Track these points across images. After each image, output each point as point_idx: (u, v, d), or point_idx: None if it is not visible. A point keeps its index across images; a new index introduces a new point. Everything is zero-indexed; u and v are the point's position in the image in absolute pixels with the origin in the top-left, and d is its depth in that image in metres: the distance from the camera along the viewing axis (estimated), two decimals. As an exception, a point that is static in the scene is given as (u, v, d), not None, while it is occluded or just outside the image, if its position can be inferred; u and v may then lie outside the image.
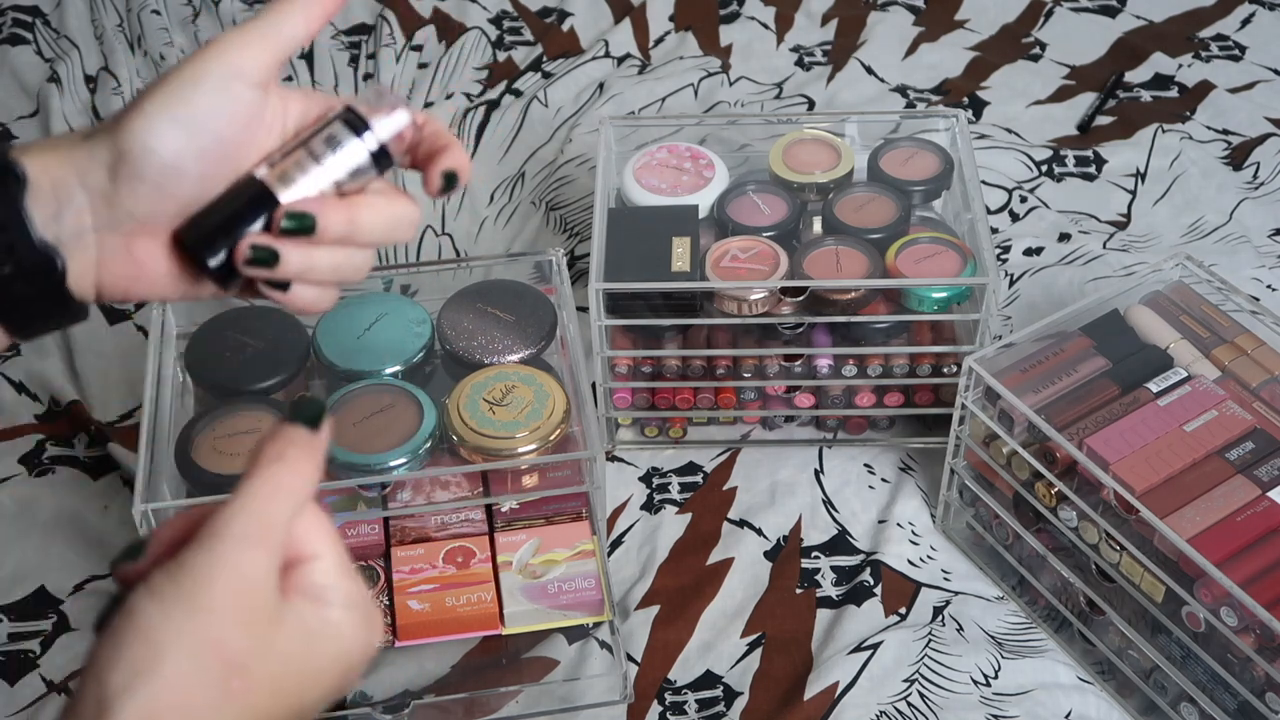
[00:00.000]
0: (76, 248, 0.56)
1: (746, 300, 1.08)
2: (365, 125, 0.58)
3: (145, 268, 0.57)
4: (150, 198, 0.55)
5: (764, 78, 1.54)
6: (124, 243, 0.56)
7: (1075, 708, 0.98)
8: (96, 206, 0.55)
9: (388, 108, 0.59)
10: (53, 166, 0.55)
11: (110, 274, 0.57)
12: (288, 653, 0.48)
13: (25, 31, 1.60)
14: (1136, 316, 1.05)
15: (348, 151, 0.58)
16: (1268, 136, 1.44)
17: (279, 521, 0.49)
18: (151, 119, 0.55)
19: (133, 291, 0.57)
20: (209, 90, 0.56)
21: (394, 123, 0.59)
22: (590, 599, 1.00)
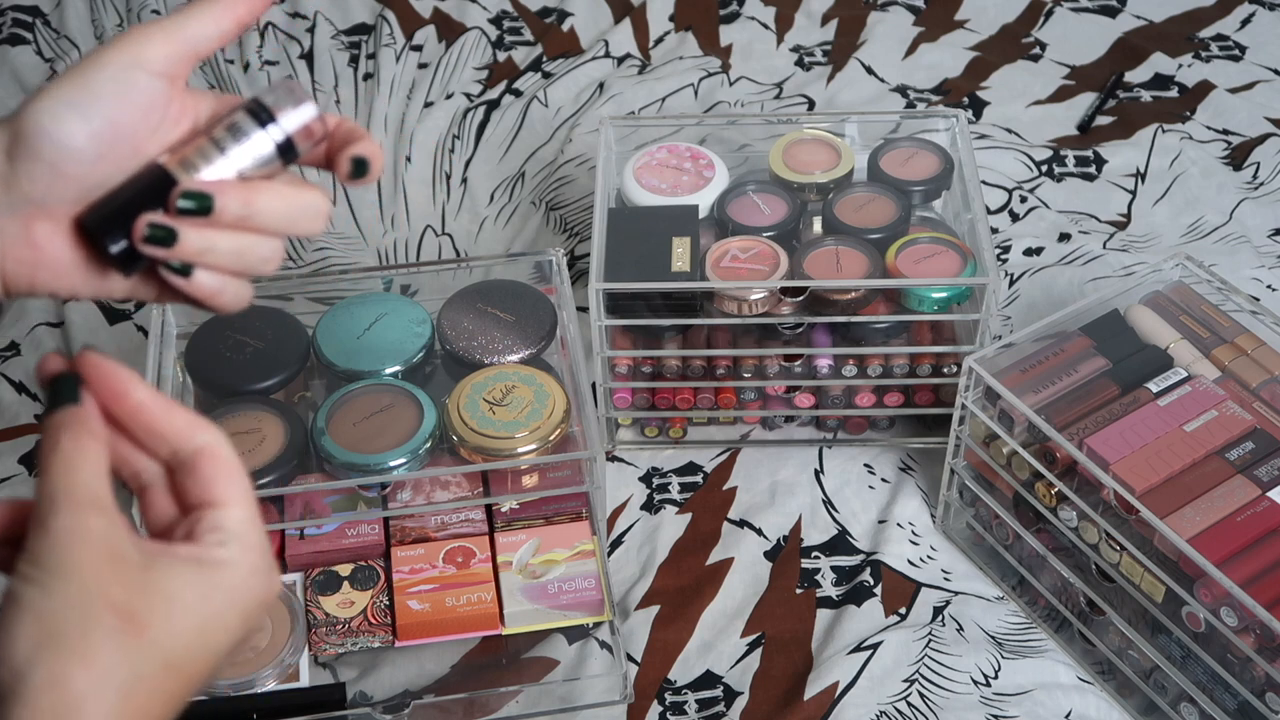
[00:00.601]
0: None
1: (746, 300, 1.08)
2: (271, 117, 0.59)
3: (45, 253, 0.57)
4: (45, 179, 0.56)
5: (764, 78, 1.54)
6: (23, 226, 0.56)
7: (1075, 708, 0.98)
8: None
9: (295, 101, 0.59)
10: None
11: (12, 260, 0.57)
12: (175, 591, 0.50)
13: (25, 31, 1.60)
14: (1136, 316, 1.05)
15: (253, 142, 0.59)
16: (1268, 136, 1.44)
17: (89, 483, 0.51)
18: (48, 101, 0.56)
19: (37, 281, 0.57)
20: (107, 77, 0.57)
21: (300, 115, 0.59)
22: (590, 599, 1.00)
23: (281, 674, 0.95)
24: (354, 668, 1.00)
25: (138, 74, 0.57)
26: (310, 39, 1.59)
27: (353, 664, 1.00)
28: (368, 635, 0.98)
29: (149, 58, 0.57)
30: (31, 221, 0.57)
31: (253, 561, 0.53)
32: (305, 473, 1.03)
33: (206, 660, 0.51)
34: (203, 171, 0.58)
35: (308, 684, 0.95)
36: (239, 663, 0.95)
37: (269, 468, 1.00)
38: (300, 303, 1.15)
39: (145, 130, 0.58)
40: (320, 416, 1.03)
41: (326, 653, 0.98)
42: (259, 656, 0.95)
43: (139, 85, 0.57)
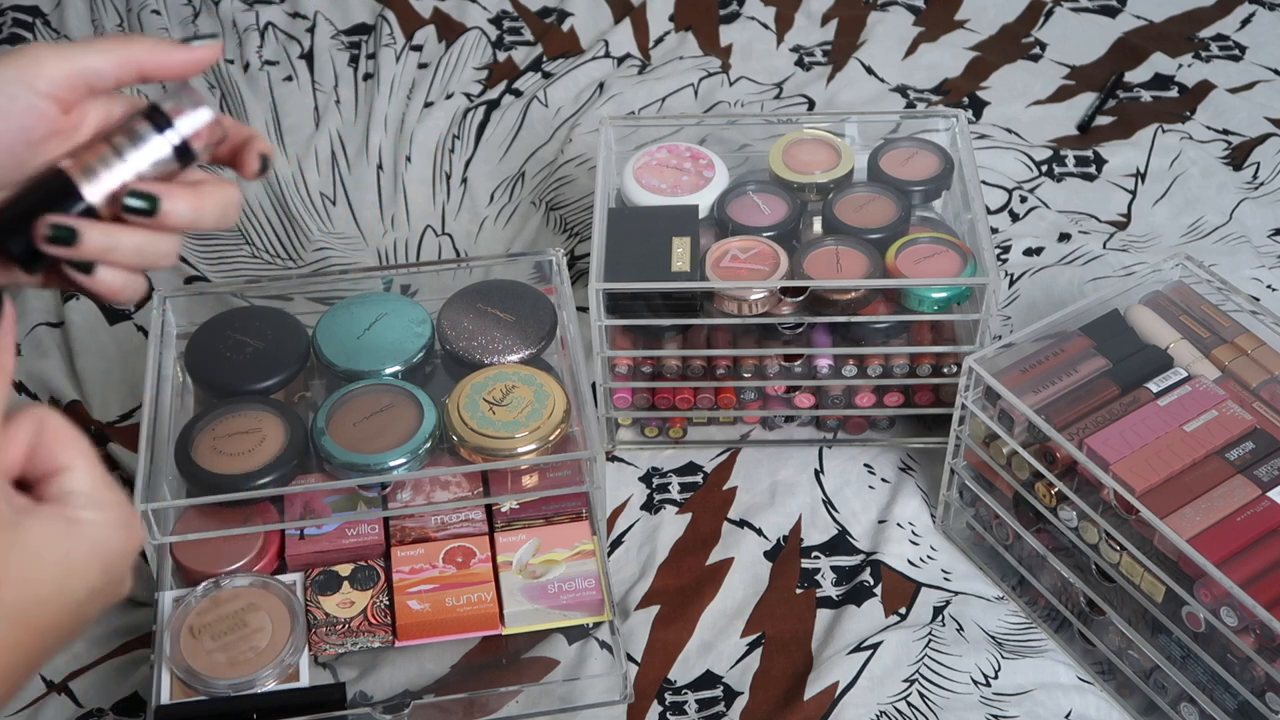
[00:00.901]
0: None
1: (746, 300, 1.08)
2: (168, 121, 0.61)
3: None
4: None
5: (764, 78, 1.54)
6: None
7: (1075, 708, 0.98)
8: None
9: (191, 105, 0.61)
10: None
11: None
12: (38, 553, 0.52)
13: (25, 32, 1.60)
14: (1136, 316, 1.05)
15: (151, 147, 0.60)
16: (1268, 136, 1.44)
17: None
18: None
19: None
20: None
21: (196, 119, 0.61)
22: (590, 599, 1.00)
23: (281, 674, 0.95)
24: (354, 668, 1.00)
25: (22, 89, 0.58)
26: (310, 39, 1.59)
27: (353, 664, 1.00)
28: (368, 635, 0.98)
29: (37, 75, 0.59)
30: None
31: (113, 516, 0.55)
32: (305, 473, 1.03)
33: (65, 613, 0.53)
34: (102, 176, 0.60)
35: (308, 684, 0.95)
36: (239, 663, 0.95)
37: (269, 468, 1.00)
38: (300, 303, 1.15)
39: (24, 143, 0.59)
40: (320, 416, 1.03)
41: (326, 653, 0.98)
42: (259, 656, 0.95)
43: (20, 100, 0.58)
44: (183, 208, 0.60)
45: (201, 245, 1.35)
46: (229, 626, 0.97)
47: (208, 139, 0.62)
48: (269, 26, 1.60)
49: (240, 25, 1.60)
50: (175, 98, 0.61)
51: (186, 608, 0.98)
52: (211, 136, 0.62)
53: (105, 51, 0.60)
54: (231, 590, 0.99)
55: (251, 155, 0.64)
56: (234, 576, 0.99)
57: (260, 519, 1.02)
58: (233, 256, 1.34)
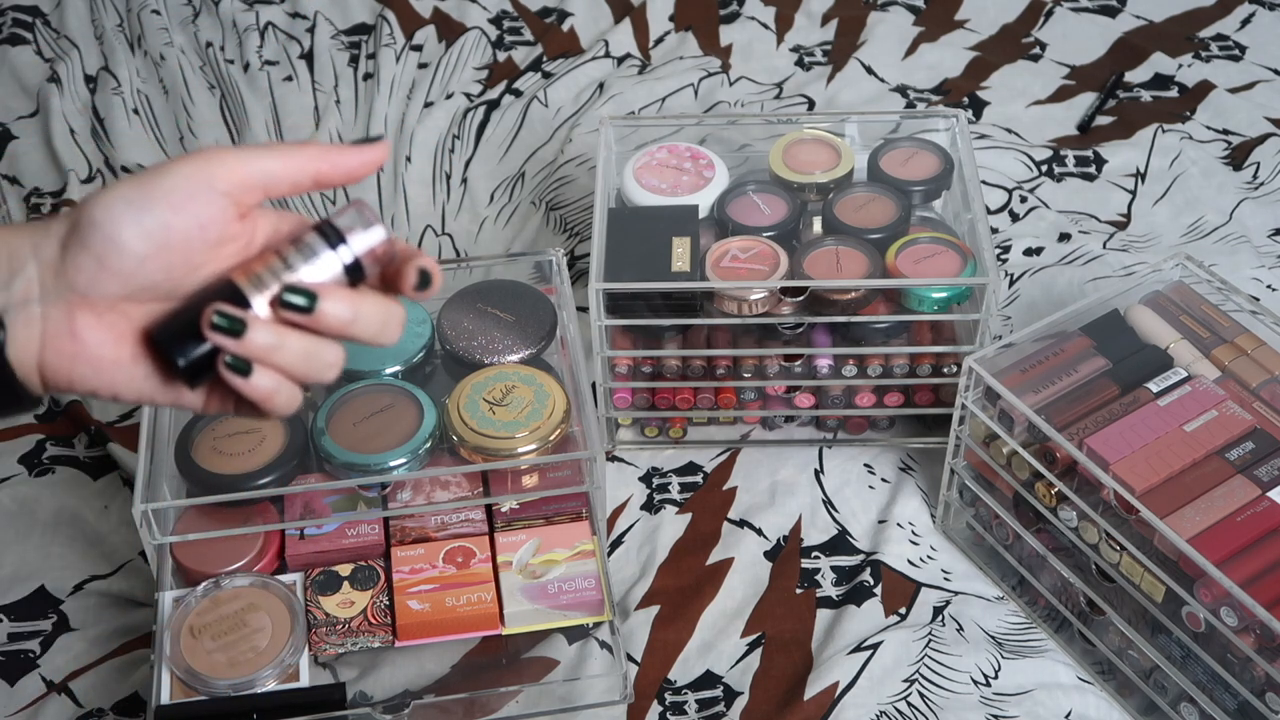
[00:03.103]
0: (21, 318, 0.57)
1: (746, 300, 1.07)
2: (340, 237, 0.59)
3: (85, 346, 0.57)
4: (91, 270, 0.57)
5: (764, 78, 1.54)
6: (65, 314, 0.57)
7: (1075, 708, 0.98)
8: (45, 278, 0.57)
9: (364, 223, 0.59)
10: (11, 237, 0.57)
11: (52, 350, 0.57)
12: None
13: (25, 31, 1.60)
14: (1136, 316, 1.05)
15: (322, 262, 0.59)
16: (1268, 136, 1.44)
17: None
18: (106, 196, 0.57)
19: (75, 375, 0.58)
20: (170, 185, 0.57)
21: (369, 238, 0.60)
22: (590, 599, 1.00)
23: (281, 674, 0.95)
24: (354, 668, 1.00)
25: (201, 188, 0.57)
26: (310, 39, 1.59)
27: (353, 664, 1.00)
28: (368, 635, 0.98)
29: (216, 176, 0.58)
30: (74, 311, 0.57)
31: None
32: (305, 473, 1.03)
33: None
34: (271, 289, 0.58)
35: (308, 684, 0.95)
36: (239, 663, 0.95)
37: (269, 468, 1.00)
38: (300, 303, 1.15)
39: (201, 243, 0.58)
40: (320, 416, 1.03)
41: (326, 653, 0.98)
42: (259, 656, 0.95)
43: (199, 198, 0.57)
44: (341, 308, 0.58)
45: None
46: (229, 626, 0.97)
47: (379, 258, 0.60)
48: (269, 26, 1.60)
49: (240, 25, 1.60)
50: (348, 214, 0.60)
51: (186, 608, 0.98)
52: (383, 256, 0.60)
53: (280, 155, 0.59)
54: (231, 590, 0.99)
55: (411, 270, 0.61)
56: (234, 576, 0.99)
57: (260, 519, 1.02)
58: (233, 256, 1.34)
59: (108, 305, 0.57)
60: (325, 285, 0.59)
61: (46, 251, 0.57)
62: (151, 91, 1.53)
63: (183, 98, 1.51)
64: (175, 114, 1.50)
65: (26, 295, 0.57)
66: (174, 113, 1.50)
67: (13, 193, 1.41)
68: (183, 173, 0.57)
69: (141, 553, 1.08)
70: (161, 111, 1.51)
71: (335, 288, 0.59)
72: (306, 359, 0.59)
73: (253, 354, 0.58)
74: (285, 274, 0.58)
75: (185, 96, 1.51)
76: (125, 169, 1.42)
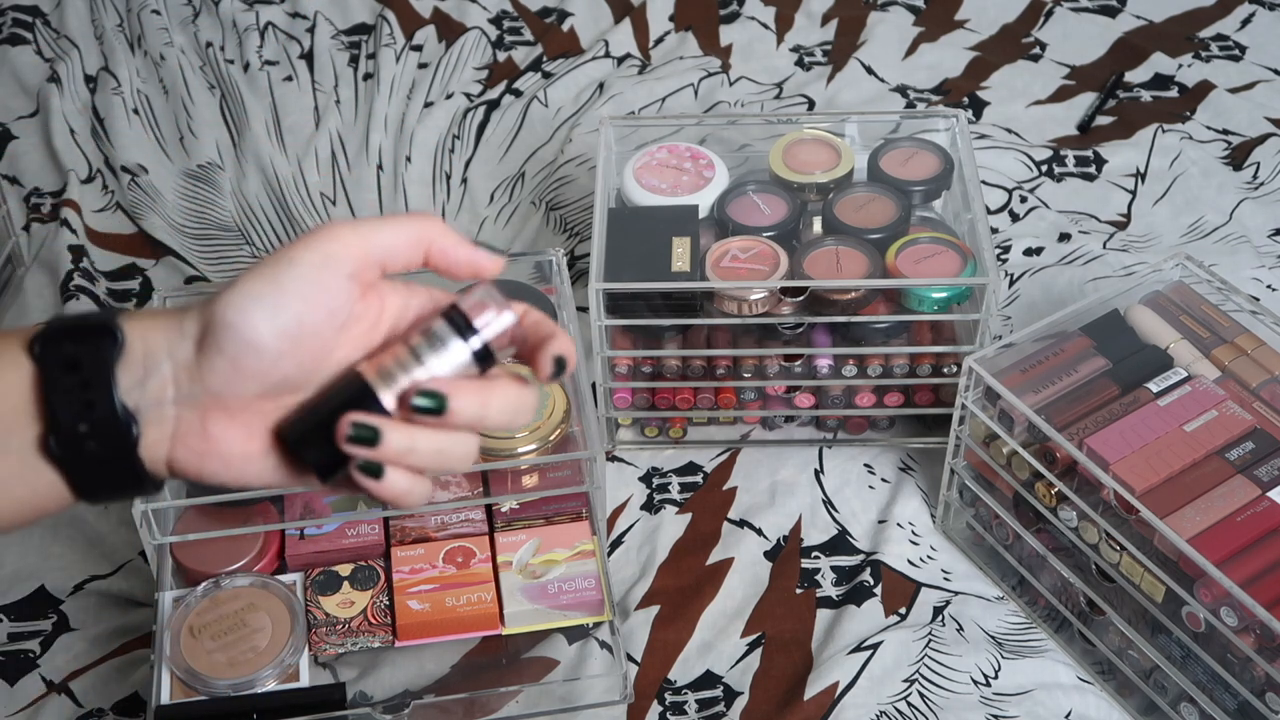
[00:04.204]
0: (154, 417, 0.56)
1: (746, 300, 1.07)
2: (470, 325, 0.58)
3: (217, 445, 0.56)
4: (226, 372, 0.55)
5: (764, 78, 1.54)
6: (199, 416, 0.56)
7: (1075, 708, 0.98)
8: (179, 378, 0.56)
9: (494, 307, 0.58)
10: (149, 333, 0.56)
11: (184, 448, 0.56)
12: None
13: (25, 31, 1.60)
14: (1136, 316, 1.05)
15: (451, 351, 0.57)
16: (1268, 136, 1.44)
17: None
18: (237, 296, 0.55)
19: (205, 469, 0.57)
20: (298, 274, 0.55)
21: (500, 323, 0.58)
22: (590, 599, 1.00)
23: (281, 674, 0.95)
24: (354, 668, 1.00)
25: (327, 274, 0.56)
26: (310, 39, 1.59)
27: (353, 664, 1.00)
28: (368, 635, 0.98)
29: (340, 258, 0.56)
30: (208, 413, 0.56)
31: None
32: (305, 473, 1.03)
33: None
34: (400, 381, 0.57)
35: (308, 684, 0.95)
36: (239, 663, 0.95)
37: (269, 468, 1.00)
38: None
39: (330, 330, 0.57)
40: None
41: (326, 653, 0.98)
42: (259, 656, 0.95)
43: (328, 285, 0.56)
44: (471, 406, 0.57)
45: (201, 245, 1.35)
46: (229, 626, 0.97)
47: (509, 342, 0.59)
48: (269, 26, 1.60)
49: (240, 25, 1.60)
50: (477, 296, 0.58)
51: (186, 608, 0.98)
52: (514, 339, 0.59)
53: (397, 229, 0.58)
54: (231, 590, 0.99)
55: (546, 357, 0.60)
56: (234, 576, 0.99)
57: (260, 519, 1.02)
58: (233, 256, 1.34)
59: (241, 405, 0.56)
60: (455, 381, 0.57)
61: (181, 352, 0.56)
62: (151, 91, 1.53)
63: (183, 98, 1.51)
64: (175, 114, 1.50)
65: (160, 396, 0.56)
66: (174, 113, 1.50)
67: (13, 193, 1.41)
68: (309, 261, 0.56)
69: (141, 553, 1.08)
70: (161, 111, 1.51)
71: (465, 383, 0.57)
72: (439, 456, 0.58)
73: (386, 459, 0.57)
74: (415, 368, 0.57)
75: (185, 96, 1.51)
76: (125, 169, 1.42)
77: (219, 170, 1.43)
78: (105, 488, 0.57)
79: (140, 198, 1.39)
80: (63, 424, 0.54)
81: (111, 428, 0.55)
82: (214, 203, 1.40)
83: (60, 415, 0.54)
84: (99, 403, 0.54)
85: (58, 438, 0.54)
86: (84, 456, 0.55)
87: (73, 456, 0.55)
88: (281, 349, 0.55)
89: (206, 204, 1.40)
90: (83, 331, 0.55)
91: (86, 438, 0.55)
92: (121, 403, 0.55)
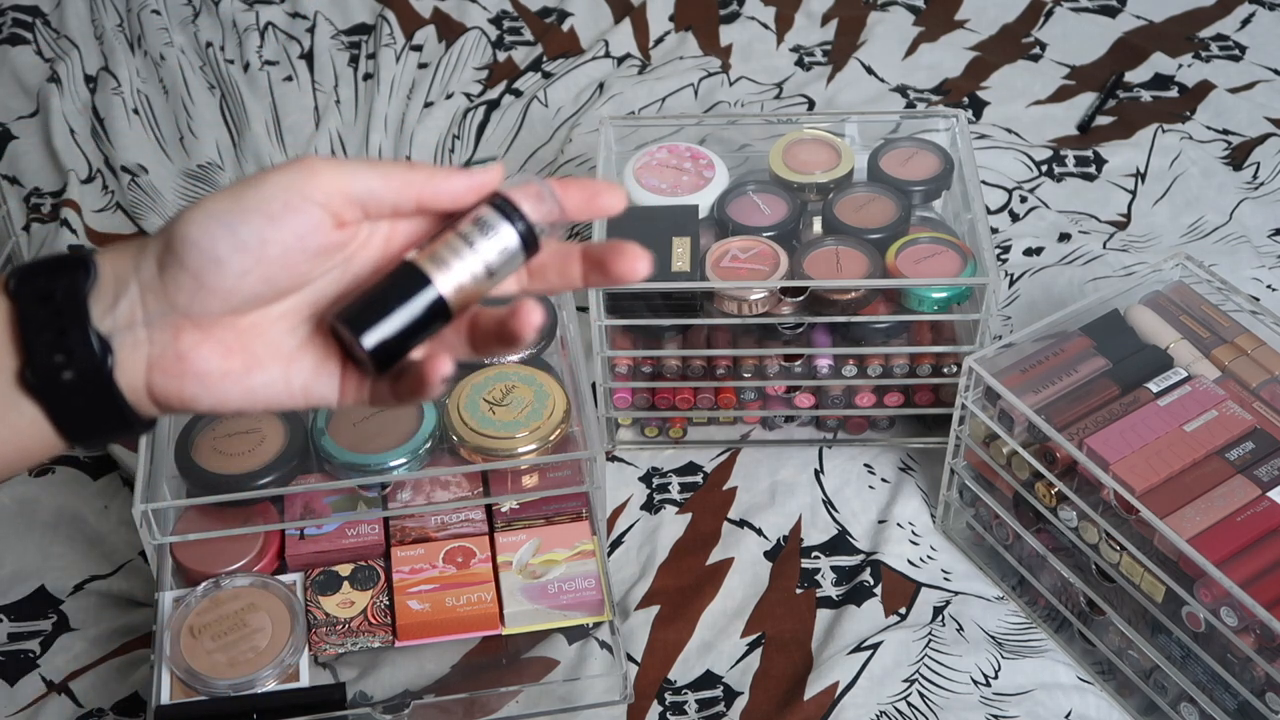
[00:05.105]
0: (128, 341, 0.56)
1: (746, 300, 1.07)
2: (515, 209, 0.59)
3: (192, 363, 0.56)
4: (189, 288, 0.56)
5: (764, 78, 1.54)
6: (171, 335, 0.56)
7: (1075, 708, 0.98)
8: (146, 300, 0.56)
9: (535, 193, 0.60)
10: (116, 258, 0.57)
11: (160, 372, 0.56)
12: None
13: (25, 31, 1.60)
14: (1136, 316, 1.05)
15: (499, 235, 0.59)
16: (1268, 136, 1.44)
17: None
18: (197, 213, 0.56)
19: (186, 393, 0.57)
20: (264, 196, 0.56)
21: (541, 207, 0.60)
22: (590, 599, 1.00)
23: (281, 674, 0.95)
24: (354, 668, 1.00)
25: (294, 197, 0.56)
26: (310, 39, 1.59)
27: (353, 664, 1.00)
28: (368, 635, 0.98)
29: (312, 186, 0.56)
30: (179, 332, 0.56)
31: None
32: (305, 473, 1.03)
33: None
34: (453, 266, 0.58)
35: (308, 684, 0.95)
36: (239, 663, 0.95)
37: (269, 468, 1.00)
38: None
39: (299, 252, 0.56)
40: (320, 416, 1.03)
41: (326, 653, 0.98)
42: (259, 656, 0.95)
43: (295, 210, 0.56)
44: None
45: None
46: (229, 626, 0.97)
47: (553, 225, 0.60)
48: (269, 26, 1.60)
49: (240, 25, 1.60)
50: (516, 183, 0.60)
51: (186, 608, 0.98)
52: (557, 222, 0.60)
53: (382, 173, 0.58)
54: (231, 590, 0.99)
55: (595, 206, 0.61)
56: (234, 576, 0.99)
57: (260, 519, 1.02)
58: (233, 256, 1.34)
59: (212, 321, 0.56)
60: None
61: (146, 272, 0.56)
62: (151, 91, 1.53)
63: (183, 98, 1.51)
64: (175, 114, 1.50)
65: (131, 318, 0.56)
66: (174, 113, 1.50)
67: (13, 193, 1.41)
68: (277, 183, 0.56)
69: (141, 553, 1.08)
70: (161, 111, 1.51)
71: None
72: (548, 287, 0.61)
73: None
74: (464, 250, 0.58)
75: (185, 96, 1.51)
76: (125, 169, 1.42)
77: (219, 170, 1.43)
78: (87, 421, 0.57)
79: (140, 198, 1.39)
80: (37, 355, 0.55)
81: (86, 355, 0.55)
82: (214, 203, 1.40)
83: (35, 346, 0.55)
84: (71, 330, 0.55)
85: (34, 369, 0.55)
86: (61, 386, 0.55)
87: (49, 386, 0.55)
88: (244, 265, 0.56)
89: (206, 204, 1.40)
90: (56, 265, 0.56)
91: (62, 367, 0.55)
92: (95, 330, 0.55)
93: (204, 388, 0.57)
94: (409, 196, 0.58)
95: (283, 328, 0.58)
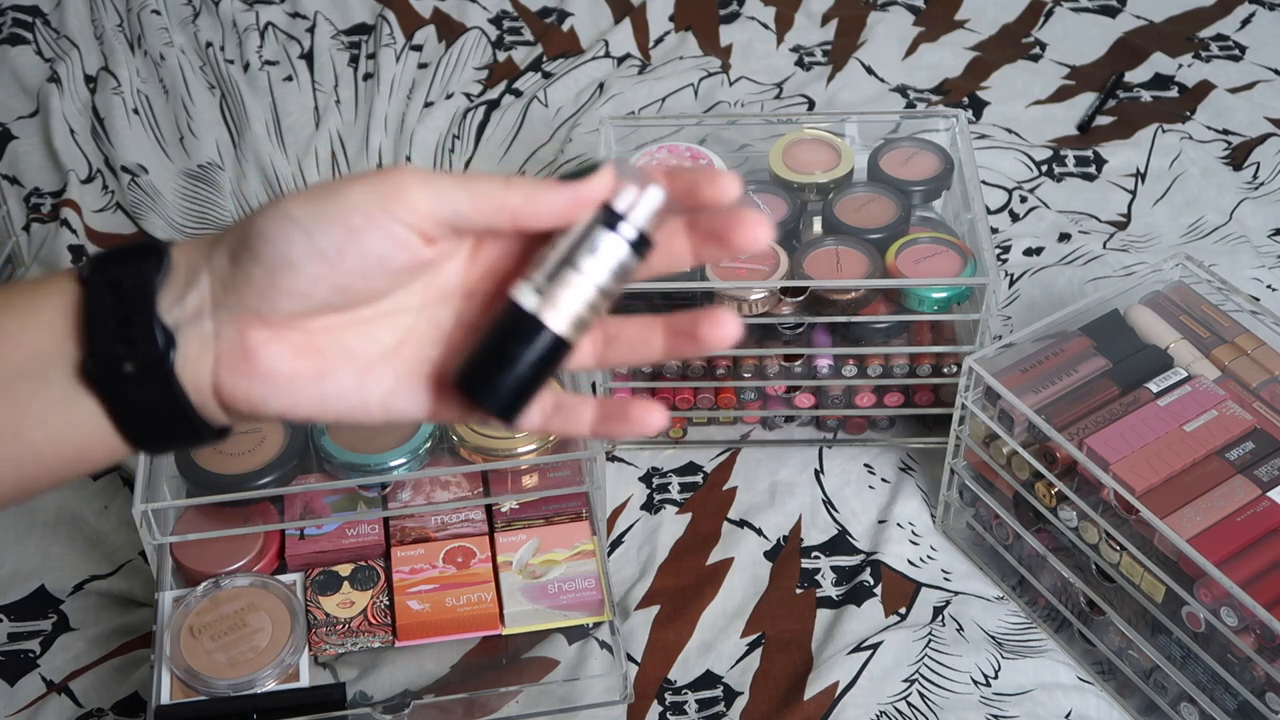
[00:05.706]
0: (193, 334, 0.53)
1: (746, 300, 1.08)
2: (620, 217, 0.53)
3: (260, 362, 0.53)
4: (261, 284, 0.52)
5: (764, 78, 1.54)
6: (238, 331, 0.53)
7: (1075, 708, 0.98)
8: (216, 291, 0.53)
9: (639, 187, 0.53)
10: (189, 249, 0.54)
11: (227, 369, 0.53)
12: None
13: (25, 31, 1.60)
14: (1136, 316, 1.05)
15: (607, 249, 0.53)
16: (1268, 136, 1.44)
17: None
18: (276, 211, 0.53)
19: (254, 396, 0.54)
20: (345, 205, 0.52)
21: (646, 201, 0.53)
22: (590, 599, 1.00)
23: (281, 674, 0.95)
24: (354, 668, 1.00)
25: (380, 215, 0.52)
26: (310, 39, 1.59)
27: (353, 664, 1.00)
28: (368, 635, 0.98)
29: (397, 209, 0.52)
30: (247, 328, 0.53)
31: None
32: (305, 473, 1.03)
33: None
34: (563, 300, 0.53)
35: (308, 684, 0.95)
36: (239, 663, 0.95)
37: (269, 468, 1.00)
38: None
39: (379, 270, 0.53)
40: (320, 416, 1.03)
41: (326, 653, 0.98)
42: (259, 656, 0.95)
43: (377, 229, 0.52)
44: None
45: (201, 245, 1.35)
46: (229, 626, 0.97)
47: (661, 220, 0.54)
48: (269, 26, 1.60)
49: (240, 25, 1.60)
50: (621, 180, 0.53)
51: (186, 608, 0.98)
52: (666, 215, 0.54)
53: (476, 197, 0.52)
54: (231, 590, 0.99)
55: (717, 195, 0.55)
56: (234, 576, 0.99)
57: (260, 519, 1.02)
58: (233, 256, 1.34)
59: (282, 321, 0.53)
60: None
61: (219, 264, 0.53)
62: (151, 91, 1.53)
63: (183, 98, 1.51)
64: (175, 114, 1.50)
65: (199, 310, 0.53)
66: (174, 113, 1.50)
67: (13, 193, 1.41)
68: (361, 194, 0.52)
69: (141, 553, 1.08)
70: (161, 111, 1.51)
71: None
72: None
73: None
74: (574, 277, 0.53)
75: (185, 96, 1.51)
76: (125, 169, 1.42)
77: (219, 170, 1.43)
78: (148, 419, 0.53)
79: (140, 198, 1.39)
80: (98, 343, 0.52)
81: (148, 345, 0.52)
82: (214, 203, 1.40)
83: (97, 334, 0.52)
84: (135, 319, 0.52)
85: (94, 358, 0.52)
86: (120, 378, 0.52)
87: (109, 377, 0.52)
88: (319, 272, 0.52)
89: (206, 204, 1.40)
90: (129, 253, 0.54)
91: (123, 358, 0.52)
92: (160, 320, 0.52)
93: (273, 389, 0.54)
94: (504, 220, 0.53)
95: (358, 334, 0.55)
